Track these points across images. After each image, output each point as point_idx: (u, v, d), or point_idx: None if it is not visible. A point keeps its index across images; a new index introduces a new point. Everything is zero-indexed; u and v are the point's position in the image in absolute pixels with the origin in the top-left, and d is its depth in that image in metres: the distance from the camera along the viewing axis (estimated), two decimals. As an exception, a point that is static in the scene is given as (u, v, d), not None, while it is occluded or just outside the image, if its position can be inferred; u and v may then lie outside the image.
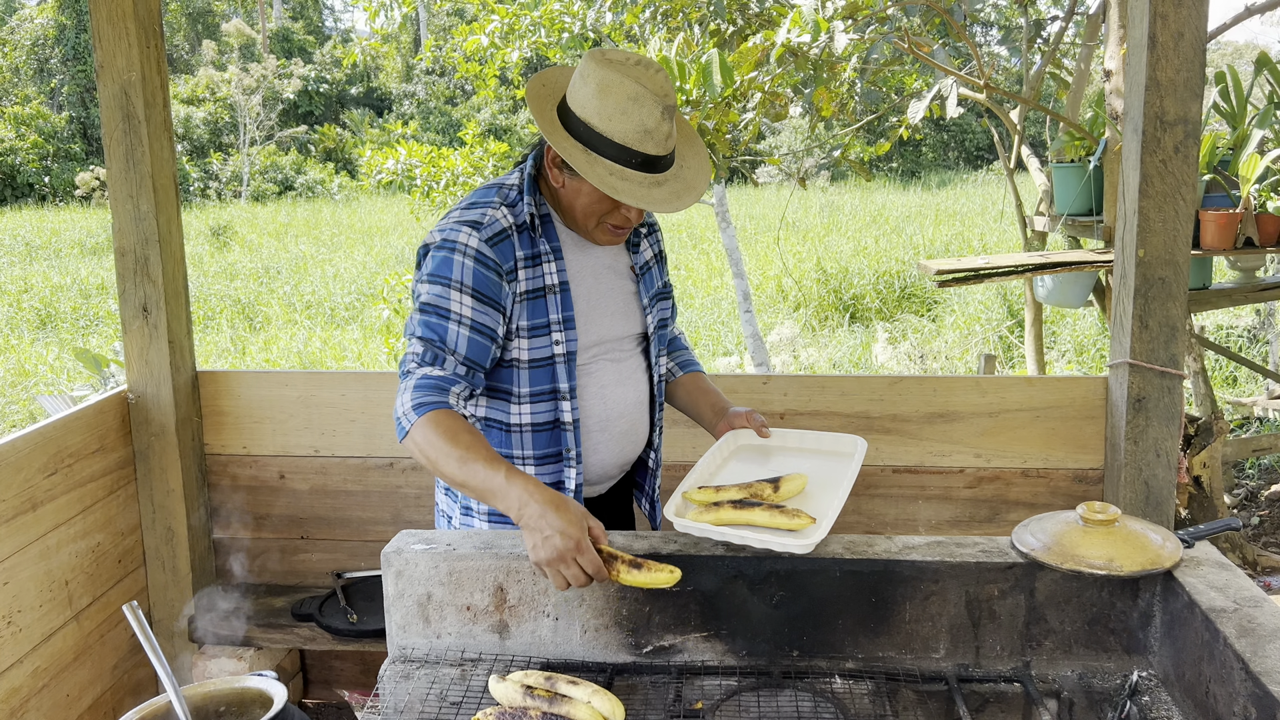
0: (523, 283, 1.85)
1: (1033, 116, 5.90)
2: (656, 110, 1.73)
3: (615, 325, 1.99)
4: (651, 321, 2.05)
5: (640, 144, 1.74)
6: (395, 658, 1.82)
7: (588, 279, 1.95)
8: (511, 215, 1.86)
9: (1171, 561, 1.63)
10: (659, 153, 1.77)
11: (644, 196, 1.76)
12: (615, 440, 2.03)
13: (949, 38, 4.81)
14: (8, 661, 2.34)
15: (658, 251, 2.12)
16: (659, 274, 2.11)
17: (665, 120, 1.75)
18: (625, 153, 1.75)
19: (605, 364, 1.99)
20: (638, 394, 2.04)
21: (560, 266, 1.89)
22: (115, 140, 2.68)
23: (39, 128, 22.66)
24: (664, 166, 1.80)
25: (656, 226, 2.14)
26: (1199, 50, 2.28)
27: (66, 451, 2.57)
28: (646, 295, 2.04)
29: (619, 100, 1.72)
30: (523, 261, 1.85)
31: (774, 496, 1.78)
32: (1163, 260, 2.38)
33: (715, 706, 1.64)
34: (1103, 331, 7.86)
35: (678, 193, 1.80)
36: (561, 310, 1.88)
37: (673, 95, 1.77)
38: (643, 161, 1.76)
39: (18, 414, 7.39)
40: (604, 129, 1.74)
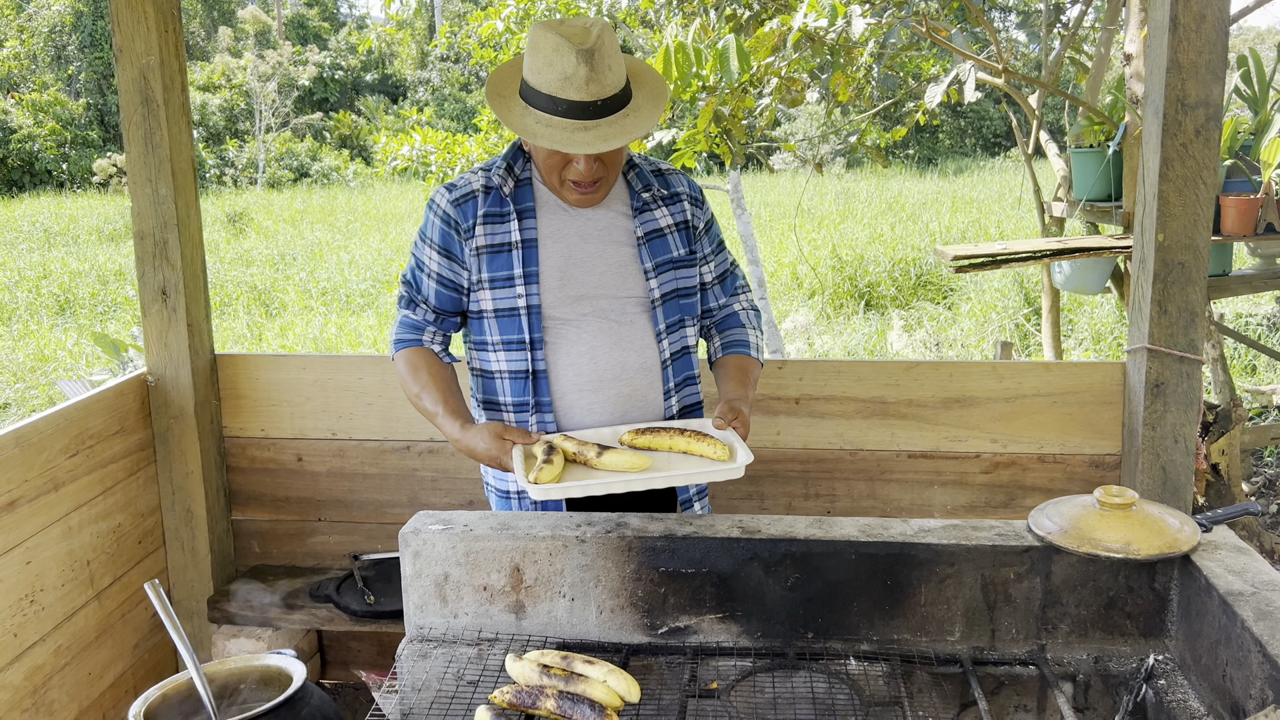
0: (480, 238, 2.01)
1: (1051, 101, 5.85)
2: (573, 56, 1.81)
3: (606, 285, 2.03)
4: (657, 288, 2.06)
5: (562, 90, 1.83)
6: (413, 637, 1.84)
7: (570, 238, 2.03)
8: (485, 178, 2.04)
9: (1189, 545, 1.62)
10: (582, 98, 1.83)
11: (564, 139, 1.84)
12: (613, 402, 2.05)
13: (967, 22, 4.78)
14: (31, 639, 2.37)
15: (683, 220, 2.12)
16: (681, 241, 2.10)
17: (583, 64, 1.82)
18: (551, 101, 1.85)
19: (598, 323, 2.03)
20: (640, 359, 2.06)
21: (528, 225, 2.01)
22: (134, 124, 2.69)
23: (56, 114, 22.77)
24: (599, 113, 1.85)
25: (686, 196, 2.13)
26: (1221, 33, 2.25)
27: (88, 433, 2.59)
28: (650, 261, 2.06)
29: (545, 53, 1.84)
30: (483, 219, 2.01)
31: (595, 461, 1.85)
32: (1182, 245, 2.36)
33: (730, 687, 1.65)
34: (1120, 318, 7.81)
35: (604, 136, 1.85)
36: (524, 265, 2.00)
37: (596, 43, 1.83)
38: (568, 108, 1.84)
39: (37, 399, 7.46)
40: (534, 82, 1.87)
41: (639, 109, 1.91)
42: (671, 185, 2.13)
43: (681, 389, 2.14)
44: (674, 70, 3.83)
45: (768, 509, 2.82)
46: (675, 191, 2.13)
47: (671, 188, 2.13)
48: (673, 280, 2.09)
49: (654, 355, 2.08)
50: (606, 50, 1.85)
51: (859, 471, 2.78)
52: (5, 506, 2.30)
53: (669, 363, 2.10)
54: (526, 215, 2.02)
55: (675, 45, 3.82)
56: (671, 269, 2.09)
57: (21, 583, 2.35)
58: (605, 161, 1.95)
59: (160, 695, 1.72)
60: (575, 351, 2.03)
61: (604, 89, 1.85)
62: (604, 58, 1.84)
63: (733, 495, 2.82)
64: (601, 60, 1.84)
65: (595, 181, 1.96)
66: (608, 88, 1.85)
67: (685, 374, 2.14)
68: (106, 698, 2.65)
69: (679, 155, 4.42)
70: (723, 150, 4.59)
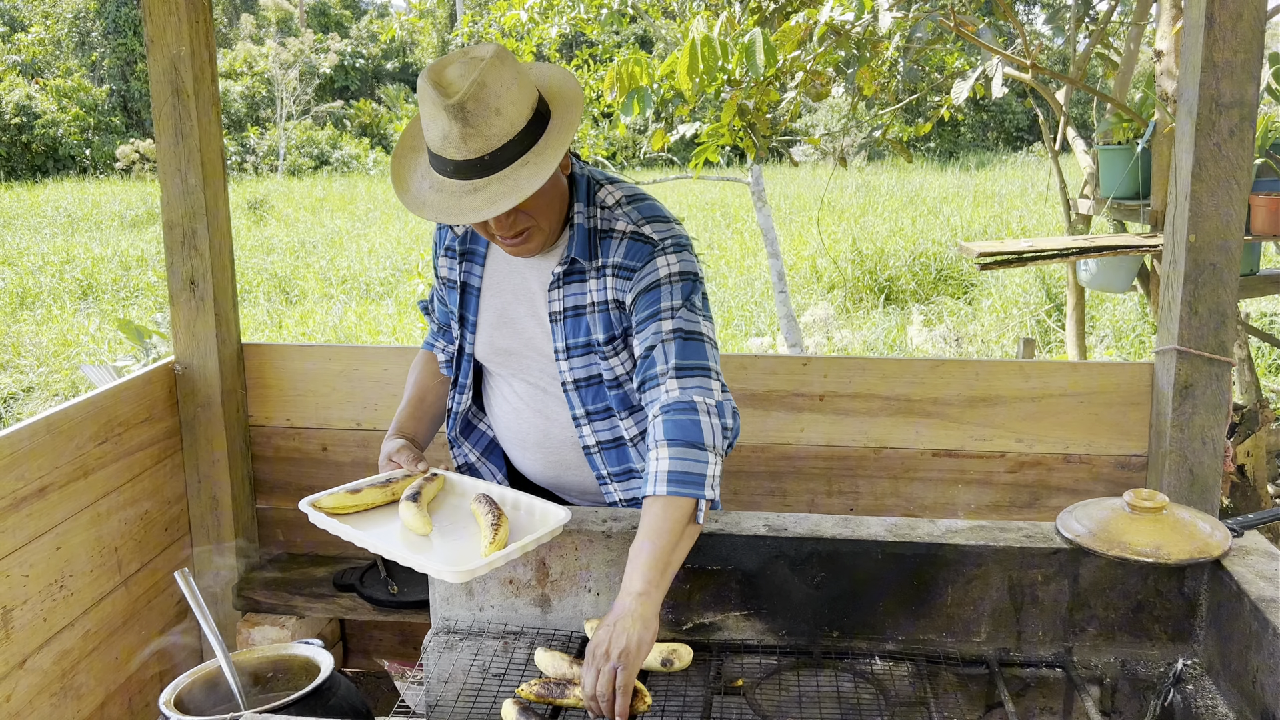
0: (443, 267, 1.99)
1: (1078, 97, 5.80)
2: (442, 112, 1.56)
3: (527, 355, 1.91)
4: (568, 371, 1.85)
5: (443, 150, 1.60)
6: (439, 629, 1.85)
7: (506, 294, 1.92)
8: None
9: (1220, 550, 1.61)
10: (463, 156, 1.59)
11: (449, 208, 1.62)
12: (543, 464, 2.00)
13: (994, 16, 4.74)
14: (60, 624, 2.40)
15: (604, 300, 1.79)
16: (601, 324, 1.80)
17: (455, 122, 1.56)
18: (439, 161, 1.63)
19: (523, 385, 1.96)
20: (565, 434, 1.93)
21: (470, 269, 1.95)
22: (164, 115, 2.71)
23: (80, 100, 22.92)
24: (486, 169, 1.60)
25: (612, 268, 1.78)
26: (1258, 31, 2.23)
27: (116, 420, 2.62)
28: (561, 340, 1.83)
29: (427, 107, 1.60)
30: (447, 250, 1.98)
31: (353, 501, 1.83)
32: (1214, 246, 2.34)
33: (755, 684, 1.65)
34: (1143, 316, 7.75)
35: (492, 198, 1.59)
36: (462, 309, 1.97)
37: (468, 91, 1.55)
38: (455, 168, 1.61)
39: (60, 383, 7.53)
40: (426, 139, 1.65)
41: (544, 150, 1.62)
42: (606, 253, 1.78)
43: (622, 479, 1.93)
44: (699, 64, 3.82)
45: (790, 506, 2.82)
46: (605, 263, 1.78)
47: (605, 257, 1.78)
48: (586, 366, 1.84)
49: (570, 439, 1.92)
50: (490, 93, 1.56)
51: (883, 469, 2.78)
52: (36, 493, 2.32)
53: (595, 450, 1.91)
54: (470, 259, 1.94)
55: (701, 39, 3.81)
56: (585, 353, 1.83)
57: (52, 568, 2.37)
58: (524, 208, 1.68)
59: (190, 682, 1.74)
60: (506, 407, 2.00)
61: (488, 142, 1.58)
62: (485, 104, 1.56)
63: (755, 492, 2.82)
64: (481, 109, 1.56)
65: (519, 233, 1.72)
66: (493, 140, 1.58)
67: (624, 466, 1.91)
68: (133, 682, 2.68)
69: (702, 149, 4.42)
70: (746, 144, 4.58)
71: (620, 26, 6.67)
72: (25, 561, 2.29)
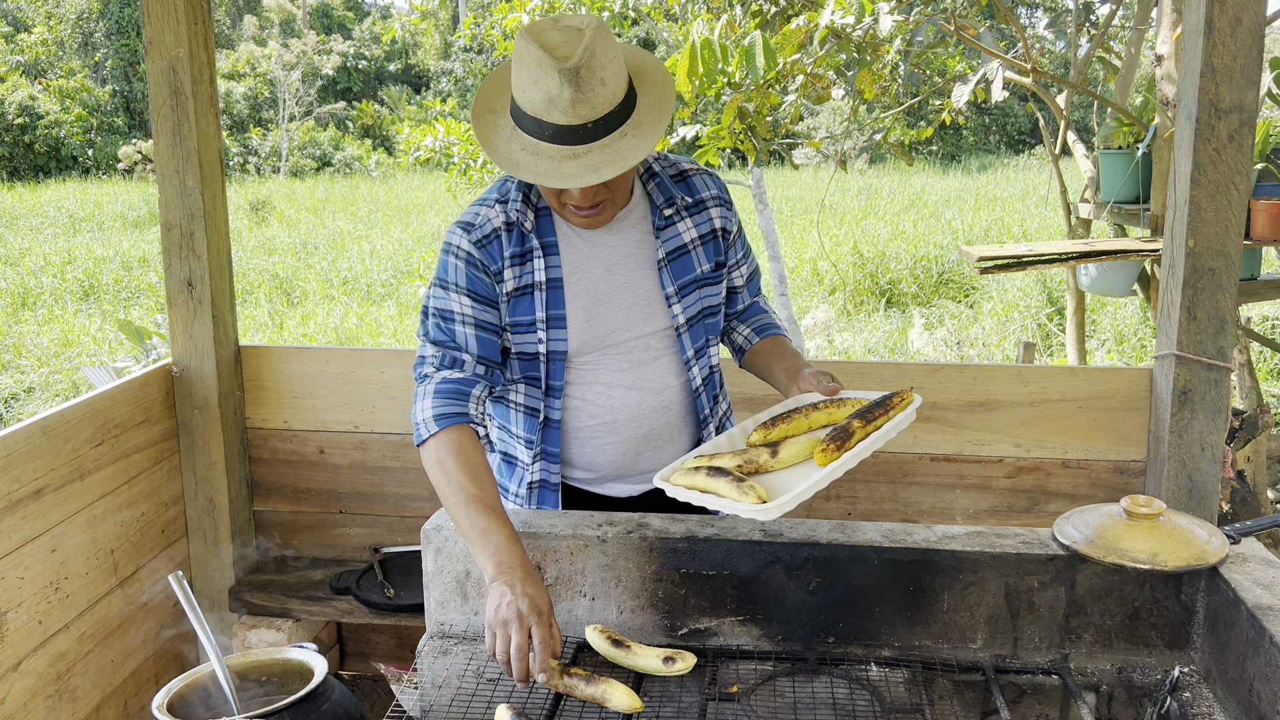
0: (509, 282, 1.84)
1: (1079, 101, 5.80)
2: (554, 75, 1.58)
3: (631, 324, 1.89)
4: (681, 313, 1.91)
5: (547, 113, 1.62)
6: (433, 633, 1.84)
7: (595, 272, 1.87)
8: (503, 213, 1.85)
9: (1217, 557, 1.61)
10: (567, 122, 1.61)
11: (550, 172, 1.64)
12: (627, 444, 1.95)
13: (995, 20, 4.73)
14: (55, 626, 2.40)
15: (710, 230, 1.94)
16: (706, 255, 1.94)
17: (566, 85, 1.58)
18: (537, 124, 1.64)
19: (617, 365, 1.91)
20: (659, 399, 1.94)
21: (552, 263, 1.84)
22: (163, 116, 2.71)
23: (83, 101, 22.96)
24: (588, 136, 1.63)
25: (713, 200, 1.95)
26: (1257, 37, 2.22)
27: (113, 422, 2.61)
28: (672, 284, 1.90)
29: (529, 69, 1.61)
30: (509, 260, 1.84)
31: (771, 464, 1.71)
32: (1213, 251, 2.33)
33: (750, 690, 1.65)
34: (1144, 320, 7.74)
35: (594, 165, 1.63)
36: (547, 308, 1.84)
37: (583, 58, 1.59)
38: (555, 132, 1.63)
39: (61, 383, 7.53)
40: (520, 100, 1.65)
41: (640, 125, 1.68)
42: (696, 190, 1.94)
43: (716, 408, 2.05)
44: (699, 66, 3.81)
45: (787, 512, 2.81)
46: (700, 199, 1.94)
47: (696, 193, 1.94)
48: (698, 301, 1.93)
49: (674, 393, 1.95)
50: (598, 62, 1.60)
51: (880, 474, 2.77)
52: (32, 495, 2.32)
53: (702, 390, 1.98)
54: (550, 251, 1.84)
55: (701, 42, 3.81)
56: (696, 288, 1.93)
57: (47, 570, 2.37)
58: (607, 182, 1.72)
59: (183, 686, 1.73)
60: (591, 394, 1.91)
61: (594, 110, 1.62)
62: (594, 72, 1.60)
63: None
64: (590, 76, 1.60)
65: (596, 205, 1.76)
66: (599, 107, 1.62)
67: (714, 393, 2.04)
68: (128, 685, 2.68)
69: (703, 151, 4.41)
70: (747, 147, 4.57)
71: (622, 29, 6.67)
72: (20, 564, 2.29)
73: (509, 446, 2.03)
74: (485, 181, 6.91)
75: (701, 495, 1.63)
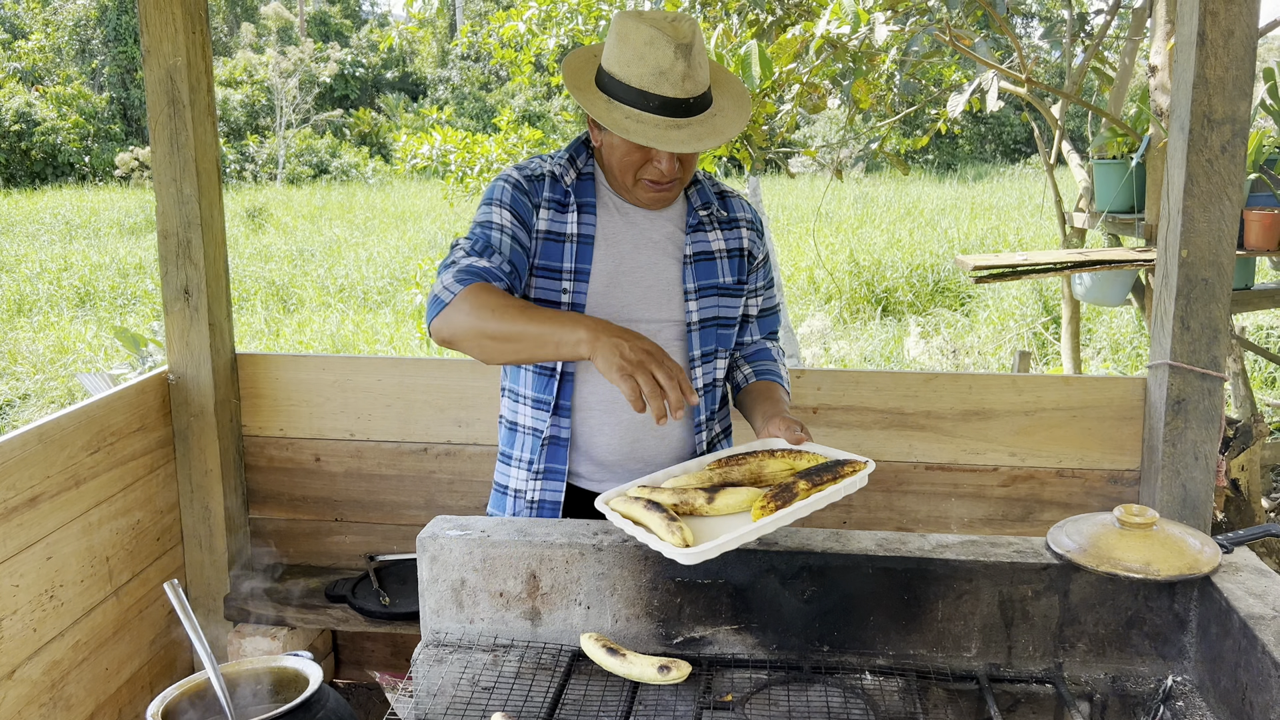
0: (543, 221, 1.91)
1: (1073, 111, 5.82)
2: (670, 50, 1.72)
3: (646, 305, 1.94)
4: (695, 311, 1.97)
5: (656, 86, 1.74)
6: (428, 641, 1.84)
7: (624, 245, 1.93)
8: (551, 164, 1.96)
9: (1210, 567, 1.61)
10: (676, 94, 1.75)
11: (659, 137, 1.75)
12: (625, 427, 1.97)
13: (990, 30, 4.75)
14: (50, 634, 2.40)
15: (738, 248, 2.02)
16: (730, 269, 2.01)
17: (680, 60, 1.73)
18: (642, 96, 1.76)
19: None
20: None
21: (586, 220, 1.92)
22: (160, 124, 2.71)
23: (80, 108, 22.96)
24: (689, 111, 1.77)
25: (746, 223, 2.05)
26: (1249, 49, 2.24)
27: (109, 430, 2.61)
28: (693, 282, 1.96)
29: (636, 45, 1.75)
30: (547, 202, 1.92)
31: (705, 508, 1.69)
32: (1206, 261, 2.34)
33: (745, 699, 1.65)
34: (1139, 329, 7.76)
35: (699, 135, 1.77)
36: (576, 260, 1.91)
37: (692, 37, 1.74)
38: (660, 104, 1.75)
39: (56, 390, 7.52)
40: (623, 75, 1.77)
41: (724, 110, 1.84)
42: (732, 209, 2.05)
43: (715, 420, 2.08)
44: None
45: (783, 518, 2.82)
46: (735, 217, 2.04)
47: (732, 212, 2.04)
48: (714, 306, 1.99)
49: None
50: (699, 46, 1.77)
51: (876, 482, 2.77)
52: (28, 502, 2.32)
53: (701, 393, 2.02)
54: (586, 210, 1.93)
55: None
56: (715, 294, 1.99)
57: (42, 578, 2.37)
58: (684, 162, 1.86)
59: (178, 694, 1.73)
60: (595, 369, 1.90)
61: (697, 85, 1.77)
62: (698, 54, 1.77)
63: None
64: (696, 56, 1.76)
65: (673, 181, 1.87)
66: (700, 84, 1.78)
67: (713, 407, 2.07)
68: (123, 693, 2.67)
69: (700, 160, 4.42)
70: (743, 155, 4.59)
71: (618, 38, 6.69)
72: (15, 571, 2.29)
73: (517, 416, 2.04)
74: (481, 189, 6.91)
75: (634, 526, 1.65)
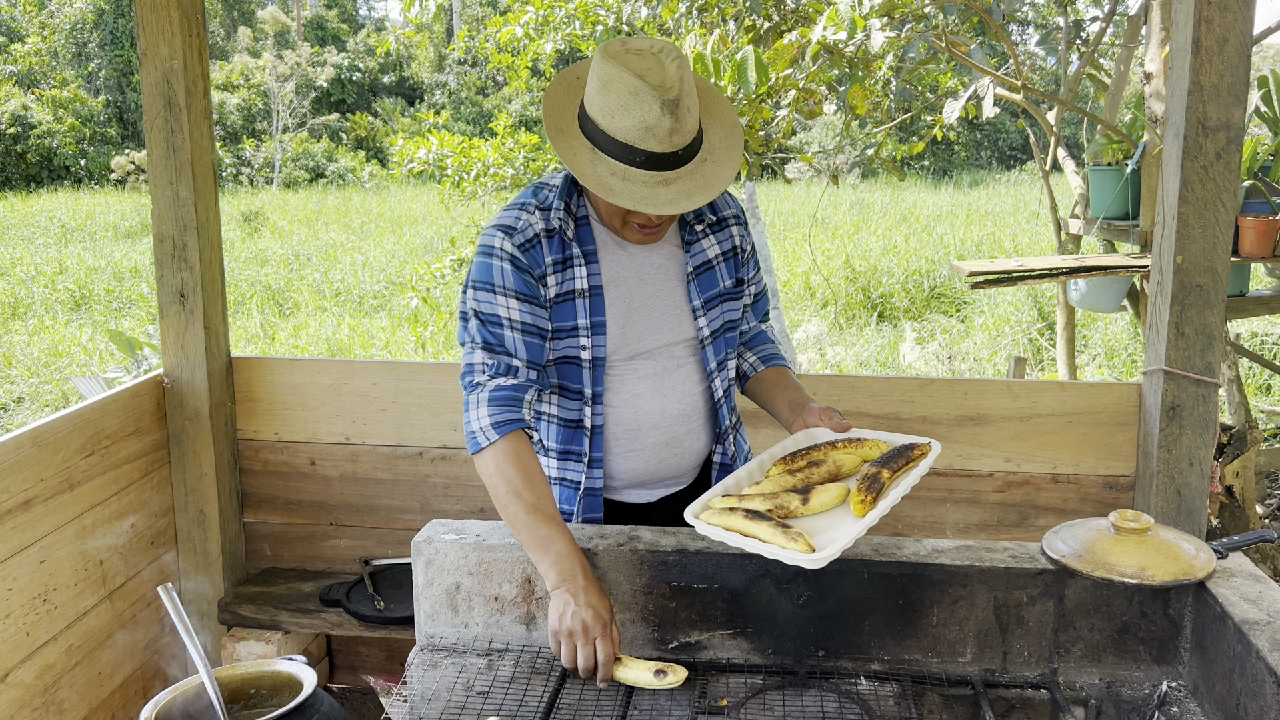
0: (552, 288, 1.85)
1: (1069, 117, 5.84)
2: (656, 106, 1.64)
3: (660, 333, 1.92)
4: (706, 326, 1.95)
5: (642, 141, 1.66)
6: (423, 646, 1.84)
7: (631, 281, 1.90)
8: (544, 220, 1.86)
9: (1204, 572, 1.61)
10: (663, 150, 1.67)
11: (646, 197, 1.67)
12: (650, 450, 1.96)
13: (986, 37, 4.77)
14: (43, 638, 2.39)
15: (731, 247, 2.00)
16: (728, 271, 1.99)
17: (667, 115, 1.65)
18: (628, 151, 1.68)
19: (644, 372, 1.93)
20: (681, 406, 1.95)
21: (593, 270, 1.86)
22: (156, 127, 2.71)
23: (76, 111, 22.93)
24: (677, 162, 1.70)
25: (732, 218, 2.02)
26: (1244, 56, 2.25)
27: (103, 433, 2.61)
28: (699, 298, 1.94)
29: (620, 96, 1.65)
30: (552, 267, 1.85)
31: (801, 510, 1.70)
32: (1201, 267, 2.35)
33: (740, 704, 1.65)
34: (1135, 335, 7.77)
35: (687, 192, 1.69)
36: (590, 315, 1.86)
37: (679, 87, 1.66)
38: (646, 159, 1.67)
39: (51, 394, 7.50)
40: (607, 127, 1.68)
41: (715, 153, 1.76)
42: (719, 208, 2.00)
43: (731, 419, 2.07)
44: (692, 81, 3.83)
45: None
46: (723, 216, 2.00)
47: (719, 211, 2.00)
48: (721, 315, 1.98)
49: (697, 399, 1.98)
50: (686, 90, 1.67)
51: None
52: (21, 505, 2.31)
53: (722, 401, 2.01)
54: (590, 259, 1.86)
55: (694, 56, 3.83)
56: (720, 302, 1.98)
57: (35, 582, 2.36)
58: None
59: (171, 699, 1.72)
60: (617, 401, 1.93)
61: (685, 138, 1.69)
62: (686, 100, 1.67)
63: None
64: (685, 107, 1.67)
65: (660, 224, 1.82)
66: (688, 135, 1.69)
67: (731, 405, 2.06)
68: (116, 697, 2.66)
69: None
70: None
71: (615, 43, 6.70)
72: (8, 575, 2.28)
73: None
74: (479, 194, 6.92)
75: (742, 538, 1.62)
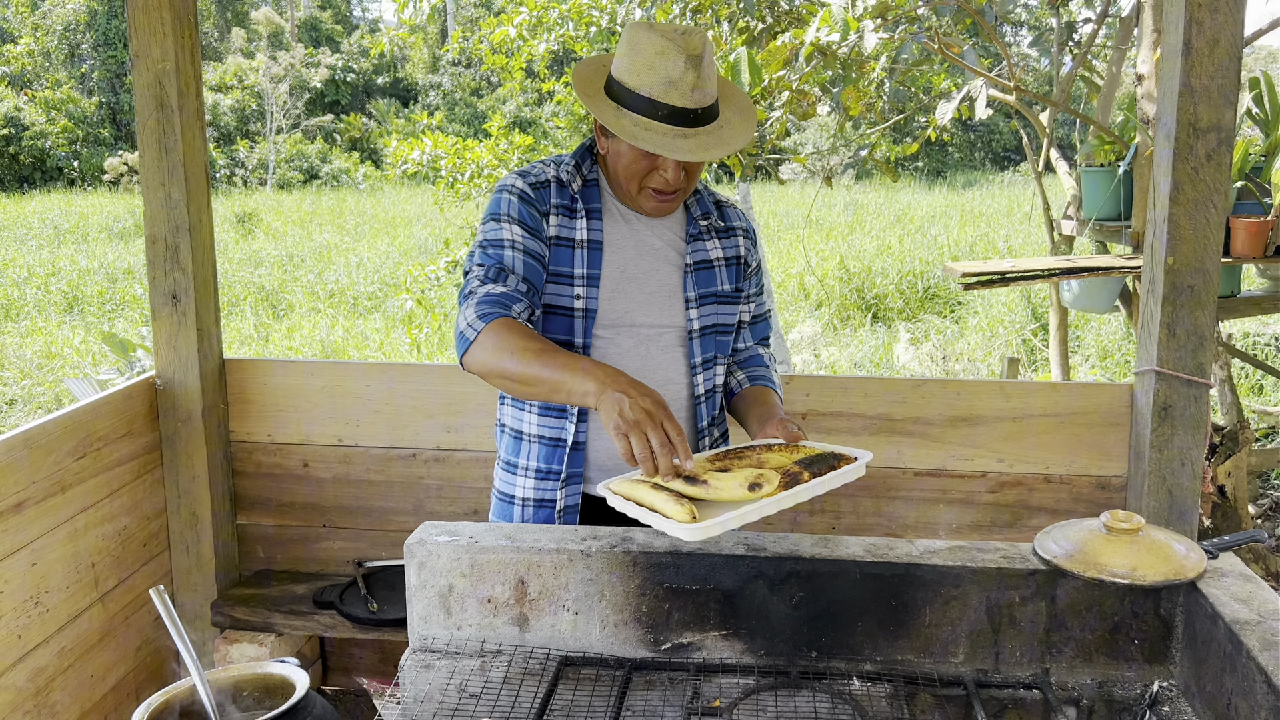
0: (552, 228, 1.93)
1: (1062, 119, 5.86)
2: (680, 60, 1.76)
3: (649, 310, 1.97)
4: (696, 319, 2.00)
5: (665, 95, 1.77)
6: (416, 648, 1.84)
7: (628, 251, 1.96)
8: (556, 170, 1.98)
9: (1195, 572, 1.62)
10: (685, 105, 1.78)
11: (666, 145, 1.78)
12: None
13: (979, 38, 4.78)
14: (35, 641, 2.38)
15: (735, 255, 2.07)
16: (728, 276, 2.05)
17: (690, 70, 1.76)
18: (651, 105, 1.79)
19: (626, 346, 1.96)
20: (662, 392, 1.95)
21: (594, 225, 1.94)
22: (149, 129, 2.71)
23: (69, 112, 22.88)
24: (697, 121, 1.80)
25: (742, 231, 2.09)
26: (1235, 57, 2.26)
27: (95, 435, 2.60)
28: (694, 290, 2.00)
29: (647, 56, 1.78)
30: (555, 209, 1.94)
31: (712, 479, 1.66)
32: (1192, 268, 2.36)
33: (733, 705, 1.65)
34: (1128, 336, 7.79)
35: (706, 145, 1.80)
36: (587, 266, 1.93)
37: (703, 50, 1.77)
38: (669, 114, 1.78)
39: (44, 395, 7.48)
40: (633, 84, 1.80)
41: (730, 123, 1.87)
42: (729, 219, 2.09)
43: (714, 425, 2.10)
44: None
45: (771, 524, 2.80)
46: (731, 226, 2.09)
47: (729, 221, 2.09)
48: (714, 314, 2.03)
49: (675, 390, 2.01)
50: (709, 59, 1.81)
51: (864, 488, 2.78)
52: (12, 508, 2.31)
53: (703, 399, 2.04)
54: (594, 216, 1.96)
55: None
56: (714, 302, 2.03)
57: (27, 584, 2.35)
58: (689, 171, 1.90)
59: (163, 701, 1.72)
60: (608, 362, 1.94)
61: (706, 97, 1.81)
62: (707, 66, 1.81)
63: (737, 509, 2.81)
64: (706, 68, 1.80)
65: (676, 191, 1.90)
66: (709, 95, 1.81)
67: (714, 412, 2.09)
68: (108, 700, 2.65)
69: (689, 167, 4.42)
70: (733, 162, 4.60)
71: (610, 44, 6.71)
72: (0, 577, 2.27)
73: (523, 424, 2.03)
74: (473, 195, 6.91)
75: (636, 508, 1.64)
